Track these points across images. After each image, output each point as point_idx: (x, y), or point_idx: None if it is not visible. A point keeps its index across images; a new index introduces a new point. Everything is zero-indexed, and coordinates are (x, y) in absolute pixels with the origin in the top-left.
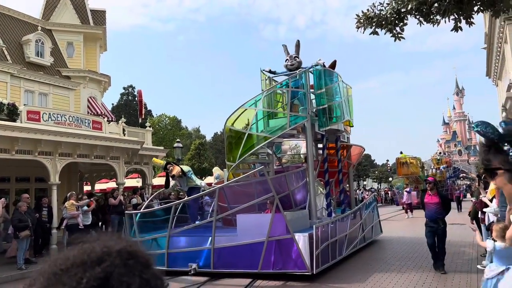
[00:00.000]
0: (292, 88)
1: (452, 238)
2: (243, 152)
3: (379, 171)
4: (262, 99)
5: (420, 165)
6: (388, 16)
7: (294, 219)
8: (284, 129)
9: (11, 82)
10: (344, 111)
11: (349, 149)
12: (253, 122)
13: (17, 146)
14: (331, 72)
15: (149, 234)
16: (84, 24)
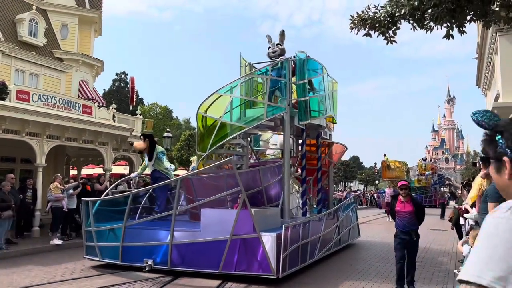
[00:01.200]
0: (272, 76)
1: (431, 246)
2: (215, 141)
3: (366, 173)
4: (239, 86)
5: (406, 170)
6: (382, 19)
7: (264, 217)
8: (260, 120)
9: (1, 60)
10: (327, 106)
11: (330, 147)
12: (227, 110)
13: (4, 125)
14: (316, 63)
15: (106, 224)
16: (80, 6)
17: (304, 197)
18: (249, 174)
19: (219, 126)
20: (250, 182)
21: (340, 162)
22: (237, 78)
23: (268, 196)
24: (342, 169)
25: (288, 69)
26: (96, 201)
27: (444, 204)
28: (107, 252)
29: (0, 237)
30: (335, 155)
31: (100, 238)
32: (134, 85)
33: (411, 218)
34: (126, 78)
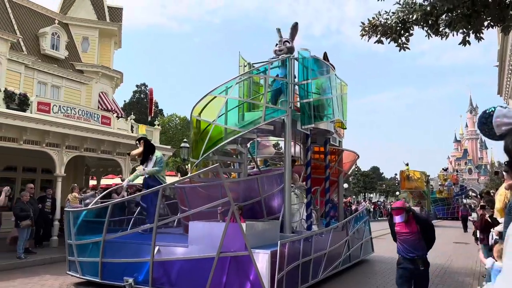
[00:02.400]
0: (271, 76)
1: (453, 261)
2: (208, 147)
3: (387, 184)
4: (234, 86)
5: (426, 180)
6: (393, 26)
7: (259, 231)
8: (257, 124)
9: (25, 72)
10: (335, 110)
11: (340, 154)
12: (221, 113)
13: (26, 136)
14: (321, 62)
15: (89, 237)
16: (100, 20)
17: (309, 209)
18: (247, 183)
19: (213, 131)
20: (248, 192)
21: (360, 172)
22: (233, 78)
23: (268, 208)
24: (361, 180)
25: (291, 68)
26: (79, 212)
27: (466, 217)
28: (87, 268)
29: (19, 246)
30: (346, 164)
31: (81, 252)
32: (153, 96)
33: (416, 241)
34: (146, 89)
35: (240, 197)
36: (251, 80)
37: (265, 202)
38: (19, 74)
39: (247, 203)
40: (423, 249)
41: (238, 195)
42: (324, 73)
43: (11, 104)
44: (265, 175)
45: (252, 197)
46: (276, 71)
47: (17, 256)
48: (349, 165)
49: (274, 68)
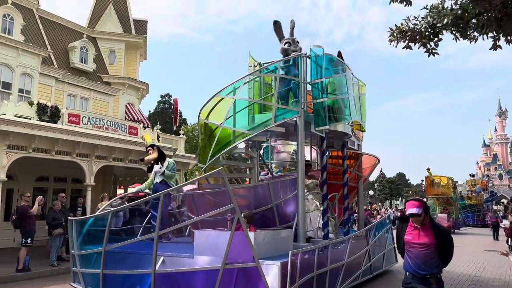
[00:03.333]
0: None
1: (485, 271)
2: (215, 151)
3: (413, 190)
4: (243, 87)
5: (453, 186)
6: (423, 31)
7: (270, 241)
8: (267, 126)
9: (55, 86)
10: (351, 111)
11: (359, 158)
12: (229, 115)
13: (57, 147)
14: (336, 60)
15: (91, 248)
16: (126, 33)
17: (325, 217)
18: (257, 189)
19: (221, 134)
20: (259, 199)
21: (385, 179)
22: (240, 78)
23: (280, 215)
24: (387, 187)
25: (303, 67)
26: (84, 221)
27: (497, 224)
28: (89, 280)
29: (52, 254)
30: (366, 169)
31: (83, 263)
32: (178, 106)
33: (431, 255)
34: (170, 99)
35: (250, 204)
36: (262, 81)
37: (278, 209)
38: (50, 87)
39: (258, 211)
40: (438, 266)
41: (248, 202)
42: (340, 72)
43: (43, 116)
44: (277, 180)
45: (263, 204)
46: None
47: (50, 264)
48: (370, 170)
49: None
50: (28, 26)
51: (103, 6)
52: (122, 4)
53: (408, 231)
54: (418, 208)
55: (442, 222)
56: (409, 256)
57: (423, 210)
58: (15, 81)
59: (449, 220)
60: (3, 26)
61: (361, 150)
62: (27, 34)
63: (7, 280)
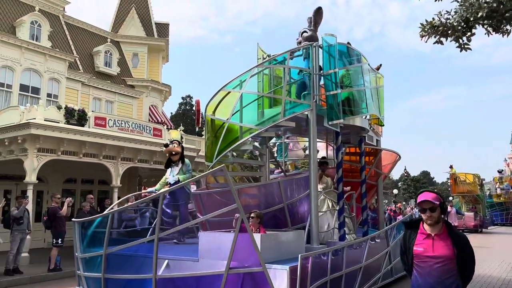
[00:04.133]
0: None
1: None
2: (222, 148)
3: (438, 189)
4: (249, 80)
5: (479, 183)
6: (455, 25)
7: (279, 243)
8: (276, 120)
9: (81, 90)
10: (369, 104)
11: (378, 154)
12: (235, 110)
13: (85, 149)
14: (350, 50)
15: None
16: (149, 36)
17: (341, 217)
18: (268, 188)
19: (227, 130)
20: (270, 198)
21: (410, 178)
22: (247, 70)
23: (292, 215)
24: (412, 185)
25: (314, 57)
26: (90, 221)
27: None
28: (93, 285)
29: None
30: (386, 166)
31: (87, 266)
32: (200, 107)
33: (448, 272)
34: (191, 101)
35: (261, 203)
36: (272, 74)
37: (290, 209)
38: (76, 91)
39: (269, 211)
40: (456, 286)
41: (258, 201)
42: (354, 62)
43: (71, 120)
44: (289, 178)
45: (274, 203)
46: (299, 62)
47: None
48: (390, 167)
49: (295, 56)
50: (55, 32)
51: (126, 11)
52: (144, 8)
53: (418, 240)
54: (433, 199)
55: (469, 221)
56: (419, 273)
57: (440, 205)
58: (43, 86)
59: (476, 219)
60: (31, 32)
61: (380, 145)
62: (54, 40)
63: (39, 280)
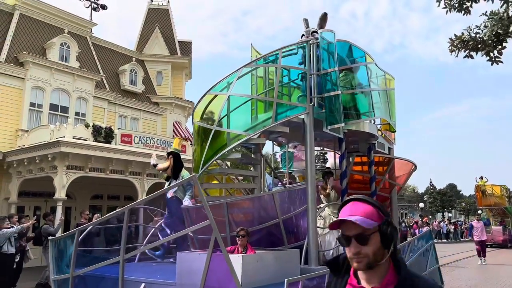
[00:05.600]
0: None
1: None
2: (208, 157)
3: (466, 202)
4: (237, 81)
5: (507, 195)
6: (486, 39)
7: (265, 264)
8: (266, 125)
9: (108, 107)
10: (376, 107)
11: (390, 164)
12: (222, 114)
13: (111, 166)
14: (353, 48)
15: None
16: (172, 54)
17: None
18: (261, 201)
19: (213, 137)
20: (264, 213)
21: (436, 191)
22: (235, 70)
23: (289, 232)
24: (438, 199)
25: (310, 56)
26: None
27: None
28: None
29: None
30: (401, 177)
31: None
32: None
33: None
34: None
35: (254, 219)
36: (267, 77)
37: (285, 225)
38: (103, 109)
39: (262, 227)
40: None
41: (251, 216)
42: (357, 61)
43: (98, 137)
44: (283, 190)
45: (269, 219)
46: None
47: None
48: (405, 178)
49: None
50: (83, 52)
51: (150, 30)
52: (167, 27)
53: None
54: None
55: (497, 235)
56: None
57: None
58: (71, 105)
59: (505, 233)
60: (60, 54)
61: (393, 154)
62: (82, 60)
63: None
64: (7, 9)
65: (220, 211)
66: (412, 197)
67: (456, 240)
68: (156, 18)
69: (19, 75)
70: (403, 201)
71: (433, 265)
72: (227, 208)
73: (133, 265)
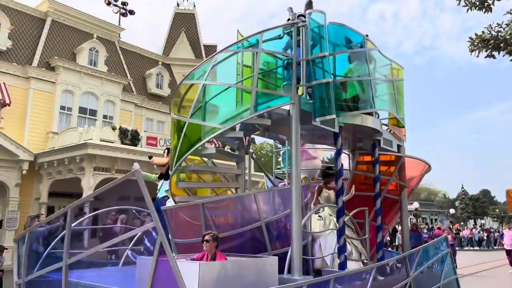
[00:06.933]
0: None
1: None
2: (181, 153)
3: (500, 209)
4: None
5: None
6: (508, 38)
7: (233, 274)
8: (244, 117)
9: (134, 111)
10: (378, 98)
11: (398, 163)
12: (197, 106)
13: None
14: (347, 31)
15: None
16: (198, 58)
17: (341, 239)
18: (243, 202)
19: (187, 130)
20: (247, 215)
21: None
22: (211, 56)
23: (273, 237)
24: (470, 205)
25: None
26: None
27: None
28: None
29: None
30: (413, 178)
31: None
32: None
33: None
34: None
35: (236, 222)
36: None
37: (269, 229)
38: (130, 112)
39: (238, 232)
40: None
41: (228, 218)
42: (353, 46)
43: (125, 140)
44: (264, 190)
45: (251, 221)
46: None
47: None
48: (417, 179)
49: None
50: (111, 57)
51: (176, 35)
52: (193, 32)
53: None
54: None
55: None
56: None
57: None
58: (100, 108)
59: None
60: (89, 58)
61: (404, 152)
62: (110, 65)
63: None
64: (40, 16)
65: (196, 213)
66: (443, 202)
67: (489, 248)
68: (182, 23)
69: (51, 79)
70: (434, 207)
71: (450, 276)
72: (203, 209)
73: (96, 270)
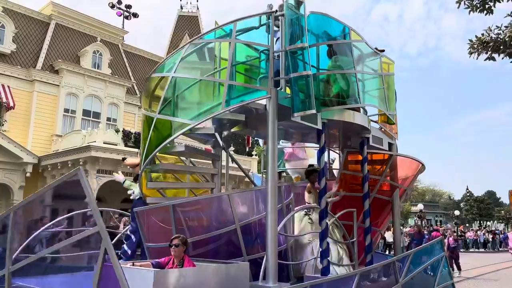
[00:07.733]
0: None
1: None
2: (148, 151)
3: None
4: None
5: None
6: (507, 40)
7: (197, 281)
8: (214, 111)
9: (138, 113)
10: (360, 93)
11: (389, 161)
12: (166, 99)
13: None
14: (330, 21)
15: None
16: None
17: (324, 242)
18: (218, 203)
19: (156, 126)
20: (222, 218)
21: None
22: (180, 47)
23: (248, 241)
24: (475, 206)
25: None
26: None
27: None
28: None
29: None
30: (406, 178)
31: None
32: None
33: None
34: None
35: (210, 224)
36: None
37: (245, 232)
38: (133, 115)
39: (211, 235)
40: None
41: (202, 221)
42: (338, 37)
43: (128, 142)
44: (241, 191)
45: (227, 224)
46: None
47: None
48: (410, 179)
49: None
50: (114, 60)
51: (179, 37)
52: (196, 34)
53: None
54: None
55: None
56: None
57: None
58: (103, 111)
59: None
60: (93, 61)
61: (396, 151)
62: (114, 67)
63: None
64: (44, 19)
65: (167, 215)
66: (448, 204)
67: (494, 250)
68: (186, 25)
69: (54, 82)
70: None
71: (445, 281)
72: (174, 211)
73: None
